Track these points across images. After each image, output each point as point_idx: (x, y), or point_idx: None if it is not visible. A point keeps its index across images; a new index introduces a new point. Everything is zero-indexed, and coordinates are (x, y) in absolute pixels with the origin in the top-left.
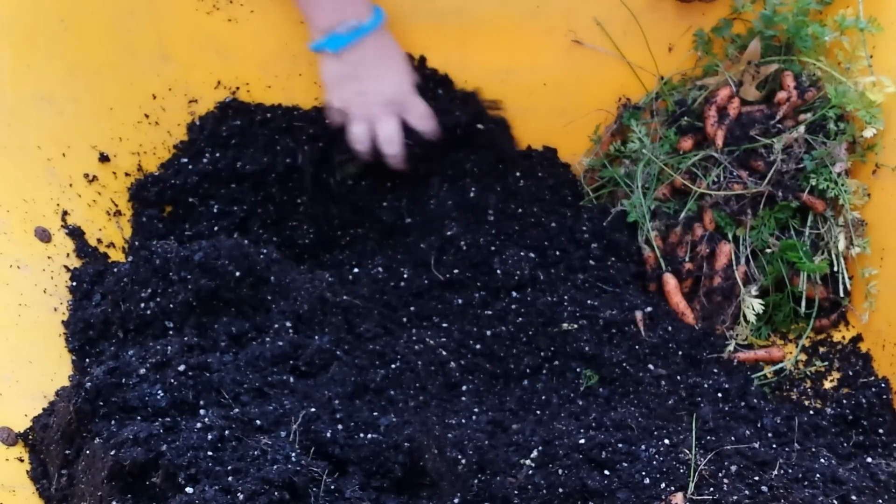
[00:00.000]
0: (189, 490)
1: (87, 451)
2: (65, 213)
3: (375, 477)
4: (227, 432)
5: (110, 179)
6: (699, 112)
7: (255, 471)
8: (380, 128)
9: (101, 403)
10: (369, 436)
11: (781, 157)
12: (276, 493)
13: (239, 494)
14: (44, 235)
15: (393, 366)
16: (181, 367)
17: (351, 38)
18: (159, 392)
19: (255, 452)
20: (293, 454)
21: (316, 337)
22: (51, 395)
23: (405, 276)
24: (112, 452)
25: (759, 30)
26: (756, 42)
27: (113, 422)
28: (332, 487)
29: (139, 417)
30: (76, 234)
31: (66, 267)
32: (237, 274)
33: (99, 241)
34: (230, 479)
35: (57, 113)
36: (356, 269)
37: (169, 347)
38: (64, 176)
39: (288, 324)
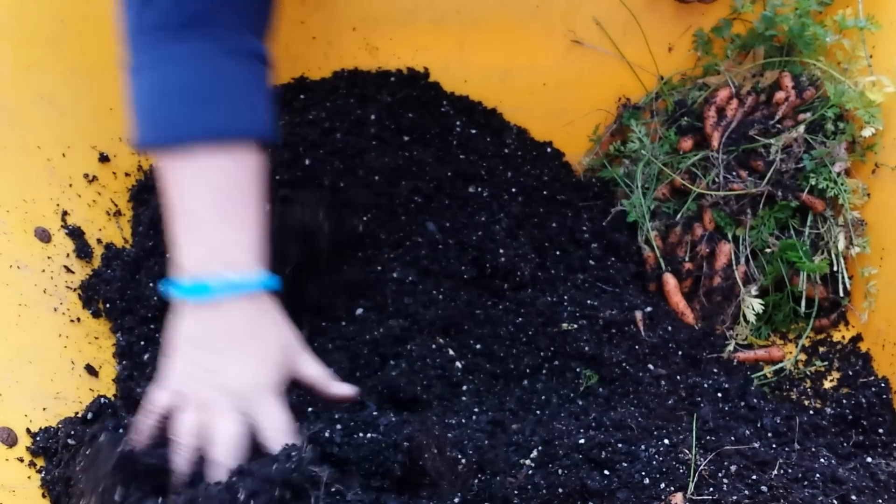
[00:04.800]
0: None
1: (89, 451)
2: (65, 213)
3: (375, 477)
4: None
5: (110, 179)
6: (699, 112)
7: (257, 469)
8: (216, 427)
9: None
10: (368, 435)
11: (781, 157)
12: (276, 492)
13: (240, 494)
14: (44, 235)
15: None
16: None
17: (221, 292)
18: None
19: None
20: (294, 454)
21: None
22: (51, 395)
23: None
24: (119, 448)
25: (760, 31)
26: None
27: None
28: (334, 490)
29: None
30: (76, 234)
31: (65, 267)
32: None
33: (99, 241)
34: (233, 477)
35: (57, 113)
36: None
37: None
38: (64, 176)
39: None
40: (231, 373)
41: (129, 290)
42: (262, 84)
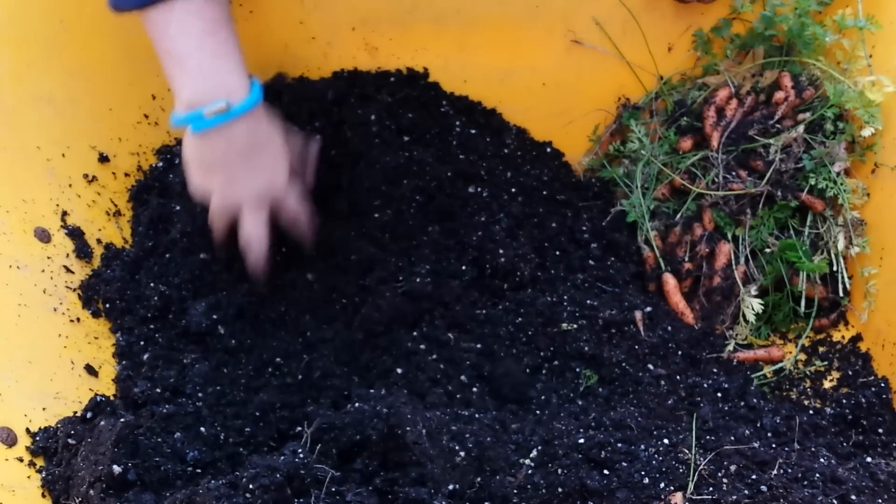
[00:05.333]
0: (198, 472)
1: (90, 439)
2: (64, 213)
3: (356, 449)
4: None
5: (110, 180)
6: (698, 112)
7: (260, 459)
8: (243, 224)
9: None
10: (356, 405)
11: (780, 157)
12: (277, 476)
13: (243, 479)
14: (43, 236)
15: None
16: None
17: (216, 121)
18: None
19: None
20: (300, 450)
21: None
22: (51, 395)
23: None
24: (121, 423)
25: (759, 31)
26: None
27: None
28: (334, 489)
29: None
30: (76, 234)
31: (65, 267)
32: None
33: (98, 241)
34: (235, 472)
35: (56, 113)
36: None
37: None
38: (63, 176)
39: None
40: (249, 182)
41: (129, 290)
42: None
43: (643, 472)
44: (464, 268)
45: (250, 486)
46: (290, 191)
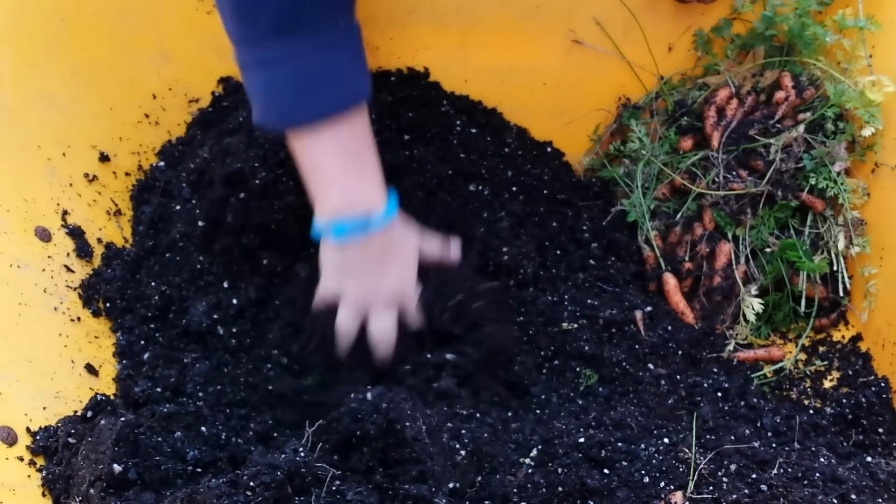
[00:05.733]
0: (198, 471)
1: (90, 438)
2: (65, 212)
3: (354, 443)
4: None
5: (110, 179)
6: (699, 112)
7: (261, 457)
8: (375, 322)
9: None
10: (358, 396)
11: (781, 157)
12: (278, 475)
13: (244, 477)
14: (44, 235)
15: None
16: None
17: (356, 232)
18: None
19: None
20: (301, 449)
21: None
22: (51, 394)
23: None
24: (122, 423)
25: (760, 31)
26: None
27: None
28: (334, 489)
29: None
30: (76, 233)
31: (66, 266)
32: None
33: (99, 240)
34: (236, 471)
35: (57, 113)
36: None
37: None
38: (64, 176)
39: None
40: (382, 285)
41: (129, 289)
42: (355, 53)
43: (643, 472)
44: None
45: (251, 484)
46: (415, 290)
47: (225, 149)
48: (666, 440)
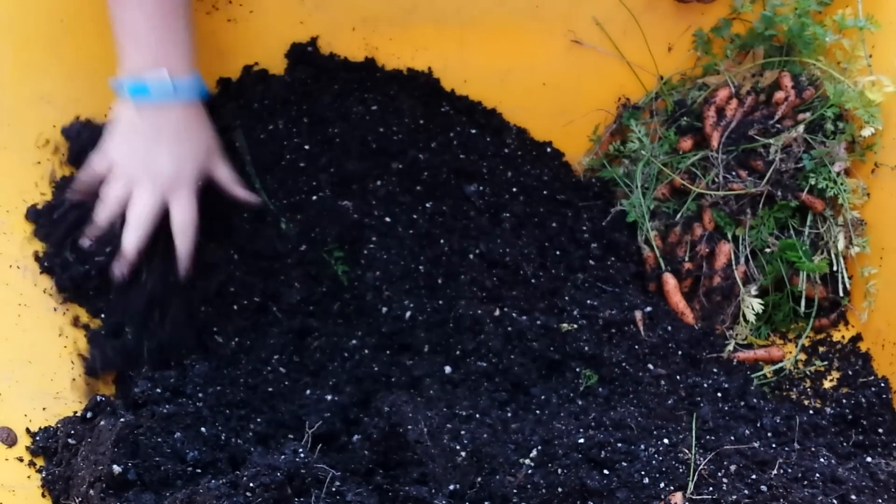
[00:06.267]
0: (198, 472)
1: (90, 439)
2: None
3: (358, 446)
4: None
5: None
6: (698, 112)
7: (261, 458)
8: (136, 201)
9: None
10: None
11: (780, 157)
12: (278, 475)
13: (244, 478)
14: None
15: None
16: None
17: (157, 96)
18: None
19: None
20: (301, 450)
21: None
22: (51, 395)
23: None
24: (121, 423)
25: (759, 31)
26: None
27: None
28: (334, 490)
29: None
30: None
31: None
32: None
33: None
34: (236, 471)
35: (57, 113)
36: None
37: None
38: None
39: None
40: (160, 161)
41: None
42: None
43: (643, 472)
44: (464, 266)
45: (251, 485)
46: (191, 189)
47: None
48: (666, 441)
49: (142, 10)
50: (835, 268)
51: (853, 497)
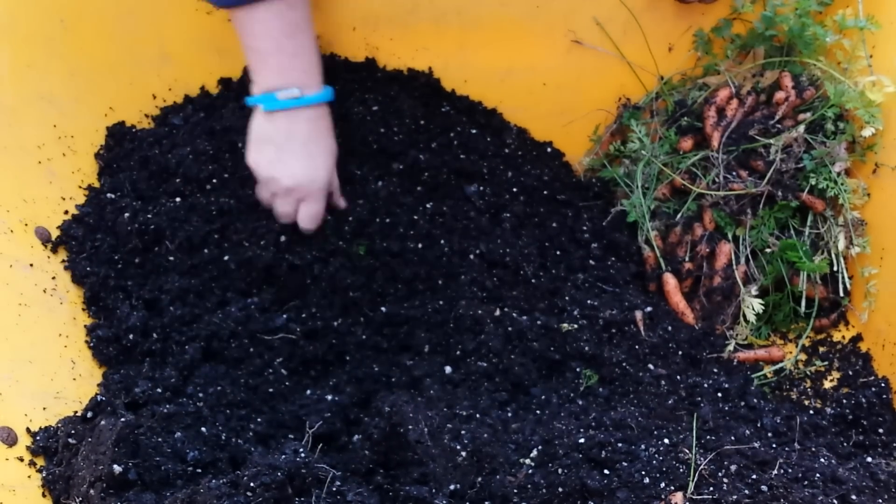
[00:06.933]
0: (198, 472)
1: (90, 439)
2: (65, 213)
3: (358, 445)
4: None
5: None
6: (699, 112)
7: (261, 458)
8: (303, 209)
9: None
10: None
11: (781, 157)
12: (279, 475)
13: (244, 477)
14: (44, 235)
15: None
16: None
17: (286, 105)
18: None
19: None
20: (302, 450)
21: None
22: (51, 395)
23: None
24: (122, 423)
25: (760, 31)
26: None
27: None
28: (335, 489)
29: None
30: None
31: (66, 267)
32: None
33: None
34: (237, 471)
35: (57, 113)
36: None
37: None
38: (64, 176)
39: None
40: (294, 167)
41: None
42: None
43: (643, 472)
44: (464, 266)
45: (251, 485)
46: (321, 191)
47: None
48: (666, 441)
49: (268, 33)
50: (835, 268)
51: (853, 497)
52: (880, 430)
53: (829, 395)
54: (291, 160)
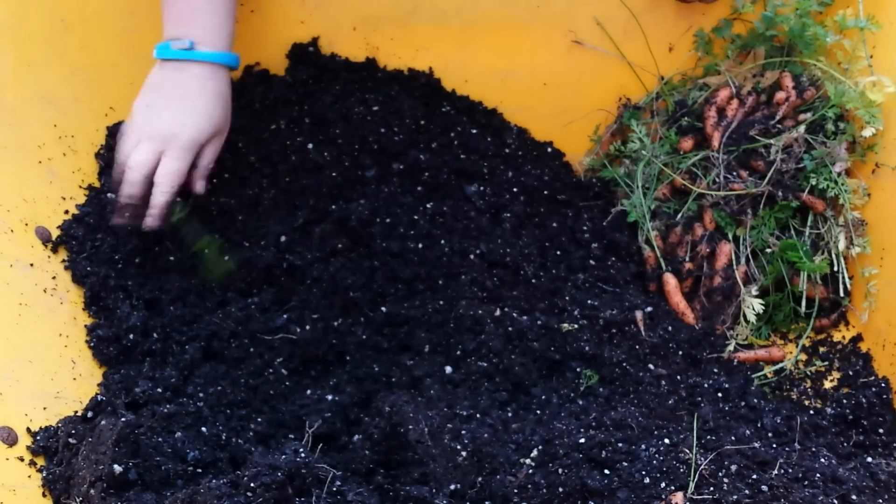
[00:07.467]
0: (198, 472)
1: (91, 438)
2: (66, 212)
3: (358, 446)
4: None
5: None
6: (699, 112)
7: (261, 457)
8: (163, 161)
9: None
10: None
11: (781, 157)
12: (279, 475)
13: (244, 477)
14: (44, 235)
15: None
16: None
17: (175, 55)
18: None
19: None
20: (302, 450)
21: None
22: (51, 395)
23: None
24: (122, 423)
25: (760, 31)
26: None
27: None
28: (335, 489)
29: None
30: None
31: (66, 266)
32: None
33: None
34: (237, 472)
35: (58, 113)
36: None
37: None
38: (64, 176)
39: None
40: (161, 114)
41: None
42: None
43: (644, 472)
44: (464, 266)
45: (251, 485)
46: (188, 149)
47: None
48: (666, 440)
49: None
50: (835, 268)
51: (854, 497)
52: (880, 431)
53: (829, 395)
54: (163, 109)
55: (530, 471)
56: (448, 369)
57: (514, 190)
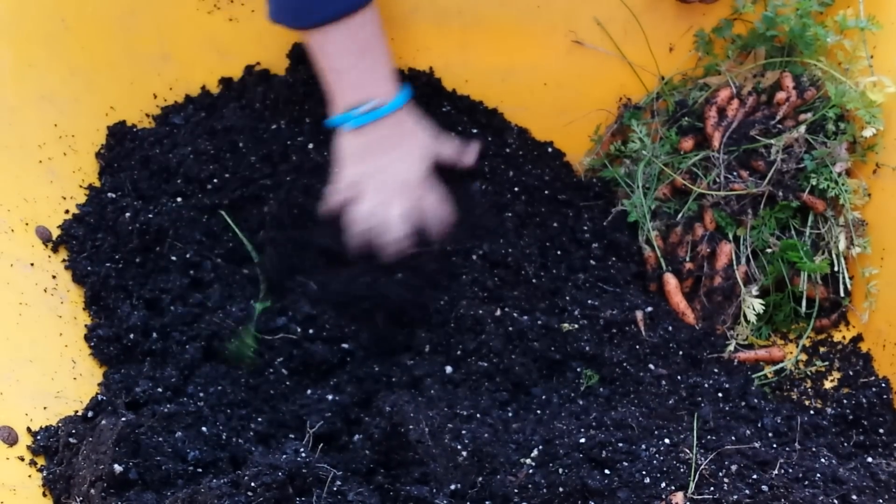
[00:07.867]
0: (199, 471)
1: (91, 438)
2: (66, 212)
3: (358, 445)
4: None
5: None
6: (700, 112)
7: (262, 457)
8: (390, 210)
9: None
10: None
11: (782, 157)
12: (279, 475)
13: (245, 477)
14: (44, 235)
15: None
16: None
17: (367, 119)
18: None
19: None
20: (302, 449)
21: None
22: (52, 394)
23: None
24: (122, 423)
25: (761, 31)
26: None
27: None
28: (335, 489)
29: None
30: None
31: (66, 266)
32: None
33: None
34: (237, 471)
35: (58, 112)
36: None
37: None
38: (65, 175)
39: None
40: (394, 168)
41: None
42: None
43: (644, 472)
44: (466, 266)
45: (252, 485)
46: (428, 180)
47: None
48: (667, 440)
49: (342, 54)
50: (836, 268)
51: (854, 497)
52: (881, 431)
53: (829, 395)
54: (389, 162)
55: (530, 471)
56: (448, 369)
57: (515, 189)
